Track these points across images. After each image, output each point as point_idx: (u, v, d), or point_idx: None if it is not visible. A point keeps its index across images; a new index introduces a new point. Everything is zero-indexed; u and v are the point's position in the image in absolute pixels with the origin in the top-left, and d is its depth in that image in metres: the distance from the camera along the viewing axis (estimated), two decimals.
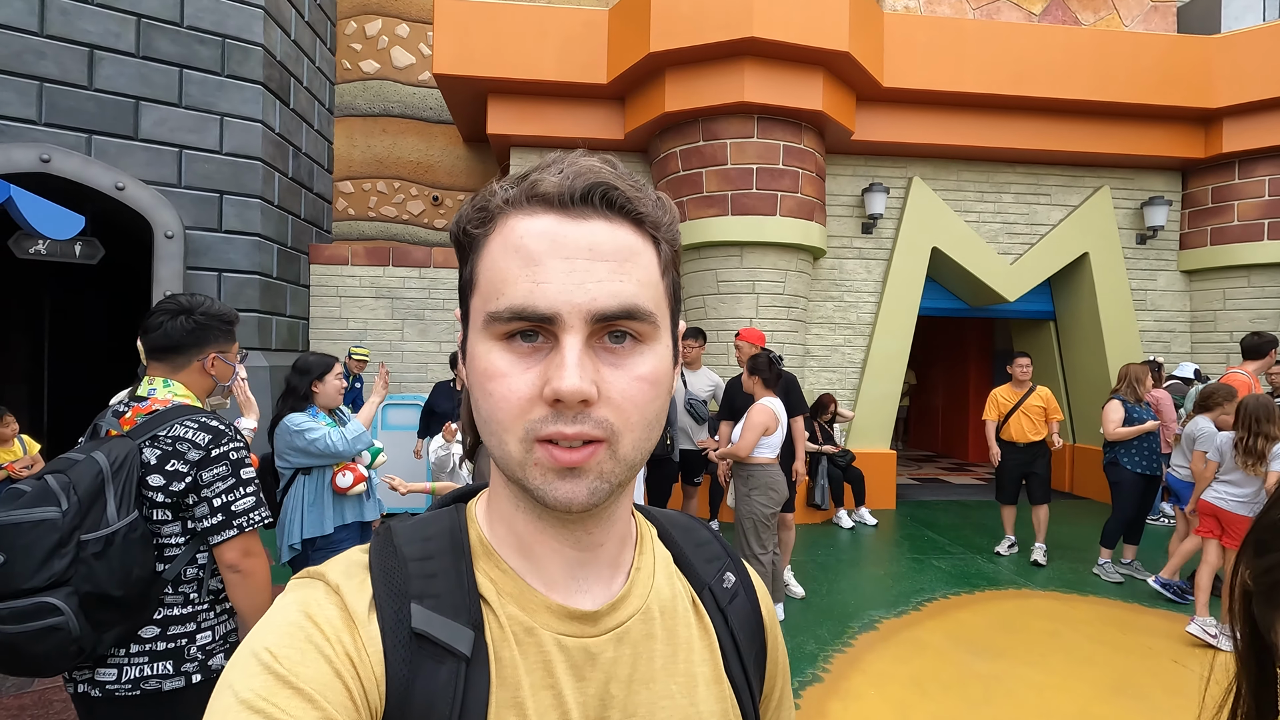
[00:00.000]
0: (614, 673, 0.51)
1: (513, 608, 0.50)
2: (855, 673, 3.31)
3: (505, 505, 0.52)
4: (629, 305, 0.46)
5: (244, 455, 1.60)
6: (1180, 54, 6.69)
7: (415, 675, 0.45)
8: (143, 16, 5.60)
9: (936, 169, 7.09)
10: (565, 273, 0.45)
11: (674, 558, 0.61)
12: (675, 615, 0.56)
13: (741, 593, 0.63)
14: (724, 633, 0.59)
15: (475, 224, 0.49)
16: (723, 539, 0.68)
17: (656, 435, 0.49)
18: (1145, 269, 7.42)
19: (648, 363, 0.48)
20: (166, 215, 5.63)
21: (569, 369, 0.43)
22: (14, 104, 5.17)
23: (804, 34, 5.62)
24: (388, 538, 0.52)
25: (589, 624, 0.51)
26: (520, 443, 0.45)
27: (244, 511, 1.56)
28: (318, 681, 0.42)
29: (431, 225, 8.03)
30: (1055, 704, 3.06)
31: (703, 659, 0.56)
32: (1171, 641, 3.76)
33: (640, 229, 0.49)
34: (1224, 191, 7.06)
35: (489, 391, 0.46)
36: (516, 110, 6.54)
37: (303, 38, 6.96)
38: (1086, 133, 6.85)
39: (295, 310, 6.95)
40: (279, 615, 0.46)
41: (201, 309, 1.70)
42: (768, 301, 6.20)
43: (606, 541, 0.53)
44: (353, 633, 0.45)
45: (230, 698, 0.41)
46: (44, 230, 2.94)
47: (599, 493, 0.46)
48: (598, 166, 0.49)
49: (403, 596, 0.47)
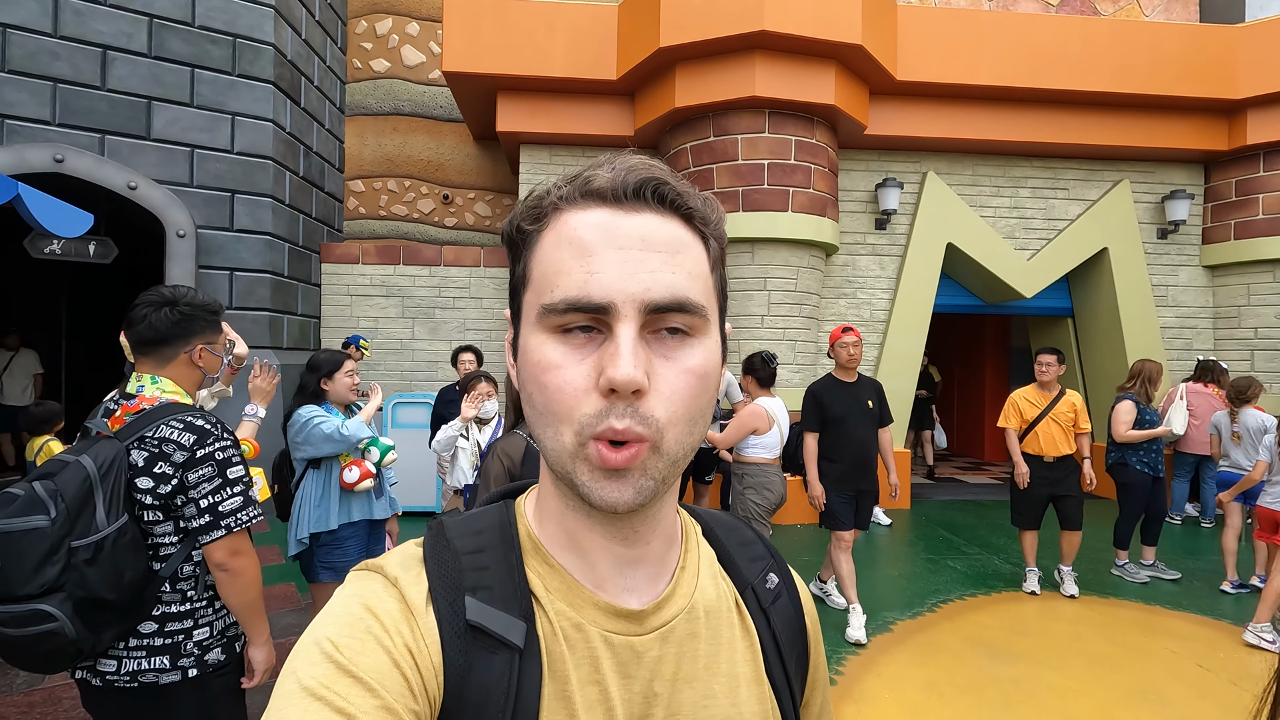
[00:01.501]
0: (658, 671, 0.52)
1: (561, 604, 0.51)
2: (869, 675, 3.25)
3: (555, 503, 0.53)
4: (681, 297, 0.46)
5: (232, 454, 1.58)
6: (1203, 44, 6.53)
7: (471, 666, 0.46)
8: (155, 17, 5.62)
9: (951, 163, 6.98)
10: (619, 263, 0.46)
11: (718, 556, 0.62)
12: (719, 615, 0.57)
13: (784, 594, 0.64)
14: (766, 634, 0.59)
15: (529, 220, 0.51)
16: (767, 539, 0.68)
17: (701, 431, 0.49)
18: (1166, 264, 7.27)
19: (697, 356, 0.48)
20: (179, 214, 5.66)
21: (624, 358, 0.44)
22: (28, 104, 5.20)
23: (816, 27, 5.54)
24: (440, 532, 0.54)
25: (635, 622, 0.52)
26: (575, 435, 0.45)
27: (231, 511, 1.54)
28: (376, 671, 0.43)
29: (442, 224, 8.03)
30: (1076, 709, 2.99)
31: (745, 659, 0.56)
32: (1195, 645, 3.66)
33: (690, 224, 0.50)
34: (1248, 184, 6.90)
35: (544, 384, 0.47)
36: (526, 107, 6.52)
37: (313, 37, 6.97)
38: (1106, 125, 6.71)
39: (307, 309, 6.97)
40: (340, 607, 0.47)
41: (185, 299, 1.67)
42: (779, 299, 6.13)
43: (654, 540, 0.54)
44: (411, 625, 0.47)
45: (294, 684, 0.42)
46: (53, 229, 2.93)
47: (645, 491, 0.46)
48: (649, 163, 0.50)
49: (457, 589, 0.49)
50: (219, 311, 1.76)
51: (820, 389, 3.90)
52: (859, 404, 3.84)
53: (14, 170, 5.00)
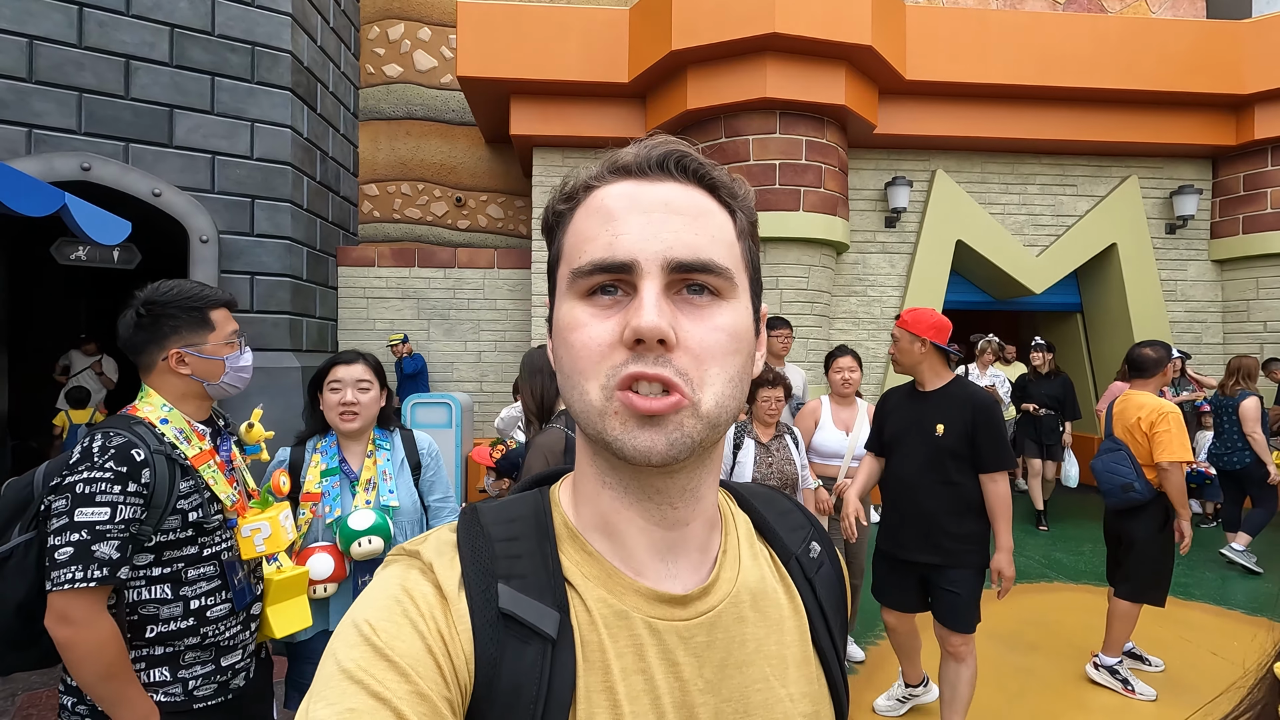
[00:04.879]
0: (707, 657, 0.50)
1: (600, 590, 0.50)
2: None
3: (590, 484, 0.52)
4: (704, 258, 0.47)
5: (100, 489, 1.24)
6: (1210, 40, 6.57)
7: (502, 655, 0.46)
8: (176, 26, 5.73)
9: (960, 161, 7.04)
10: (642, 225, 0.47)
11: (755, 525, 0.61)
12: (765, 595, 0.56)
13: (827, 562, 0.63)
14: (812, 604, 0.59)
15: (562, 201, 0.53)
16: (804, 507, 0.68)
17: (741, 396, 0.49)
18: (1175, 259, 7.30)
19: (726, 315, 0.48)
20: (201, 220, 5.76)
21: (647, 308, 0.44)
22: (55, 114, 5.32)
23: (826, 28, 5.61)
24: (474, 518, 0.53)
25: (680, 607, 0.51)
26: (601, 389, 0.46)
27: (61, 564, 1.20)
28: (411, 656, 0.43)
29: (455, 226, 8.12)
30: (1094, 697, 3.06)
31: (792, 640, 0.56)
32: (1208, 634, 3.72)
33: (714, 195, 0.51)
34: (1256, 179, 6.93)
35: (570, 342, 0.48)
36: (539, 111, 6.60)
37: (328, 43, 7.07)
38: (1113, 122, 6.76)
39: (324, 312, 7.07)
40: (379, 589, 0.48)
41: (155, 296, 1.41)
42: (791, 297, 6.20)
43: (693, 521, 0.52)
44: (445, 610, 0.46)
45: (333, 666, 0.43)
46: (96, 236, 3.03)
47: (678, 445, 0.45)
48: (673, 139, 0.51)
49: (490, 576, 0.48)
50: (204, 308, 1.45)
51: (888, 396, 2.83)
52: (919, 426, 2.57)
53: (43, 179, 5.10)
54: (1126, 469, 3.10)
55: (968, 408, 2.48)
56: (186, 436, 1.43)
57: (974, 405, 2.48)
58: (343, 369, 1.90)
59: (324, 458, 1.91)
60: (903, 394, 2.74)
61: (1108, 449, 3.22)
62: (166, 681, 1.37)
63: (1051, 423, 5.92)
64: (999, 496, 2.46)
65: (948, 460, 2.48)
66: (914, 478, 2.55)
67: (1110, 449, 3.20)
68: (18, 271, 7.57)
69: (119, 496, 1.26)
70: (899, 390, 2.78)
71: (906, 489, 2.58)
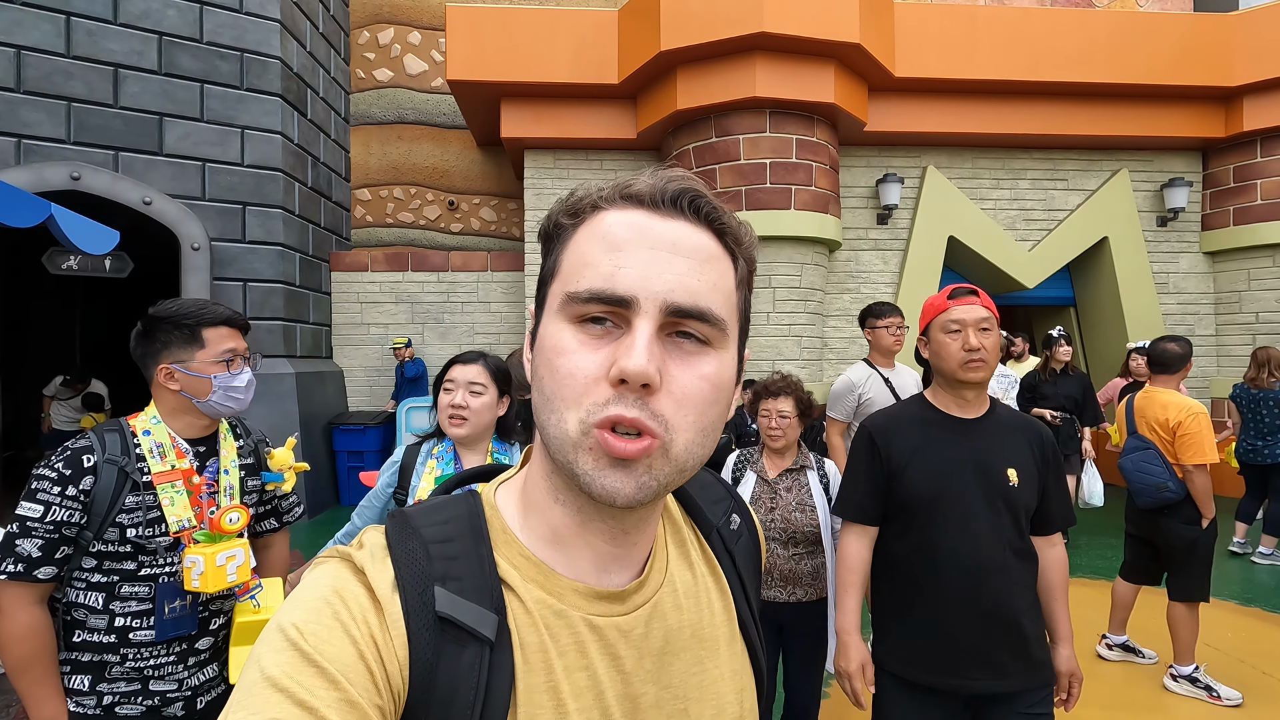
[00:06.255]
0: (646, 648, 0.52)
1: (538, 591, 0.50)
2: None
3: (542, 497, 0.52)
4: (702, 306, 0.46)
5: (41, 487, 1.29)
6: (1198, 32, 6.59)
7: (438, 659, 0.45)
8: (164, 34, 5.73)
9: (951, 157, 7.06)
10: (647, 261, 0.46)
11: (681, 502, 0.63)
12: (694, 579, 0.58)
13: (746, 533, 0.66)
14: (732, 574, 0.61)
15: (567, 215, 0.52)
16: (724, 480, 0.70)
17: (711, 445, 0.49)
18: (1167, 251, 7.33)
19: (712, 365, 0.48)
20: (193, 228, 5.76)
21: (638, 349, 0.44)
22: (44, 124, 5.32)
23: (815, 27, 5.62)
24: (403, 520, 0.51)
25: (618, 603, 0.51)
26: (579, 423, 0.45)
27: None
28: (341, 661, 0.41)
29: (448, 229, 8.12)
30: (1099, 692, 3.06)
31: (720, 620, 0.58)
32: (1207, 627, 3.73)
33: (721, 240, 0.51)
34: (1246, 170, 6.96)
35: (555, 367, 0.46)
36: (530, 113, 6.60)
37: (318, 49, 7.07)
38: (1103, 116, 6.78)
39: (318, 317, 7.07)
40: (309, 591, 0.46)
41: (157, 311, 1.43)
42: (784, 295, 6.22)
43: (640, 541, 0.54)
44: (378, 614, 0.45)
45: (256, 673, 0.41)
46: (83, 246, 3.02)
47: (646, 489, 0.45)
48: (690, 177, 0.51)
49: (425, 579, 0.47)
50: (196, 324, 1.44)
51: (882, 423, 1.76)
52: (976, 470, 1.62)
53: (33, 189, 5.10)
54: (1159, 469, 2.95)
55: (1035, 442, 1.67)
56: (163, 451, 1.41)
57: (1041, 439, 1.69)
58: (458, 369, 1.76)
59: (440, 463, 1.77)
60: (915, 420, 1.72)
61: (1135, 447, 3.08)
62: (83, 691, 1.35)
63: (1069, 429, 4.90)
64: (1063, 566, 1.72)
65: (1023, 521, 1.63)
66: (979, 554, 1.58)
67: (1138, 447, 3.06)
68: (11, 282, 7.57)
69: (56, 497, 1.28)
70: (902, 415, 1.76)
71: (964, 574, 1.58)
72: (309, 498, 6.10)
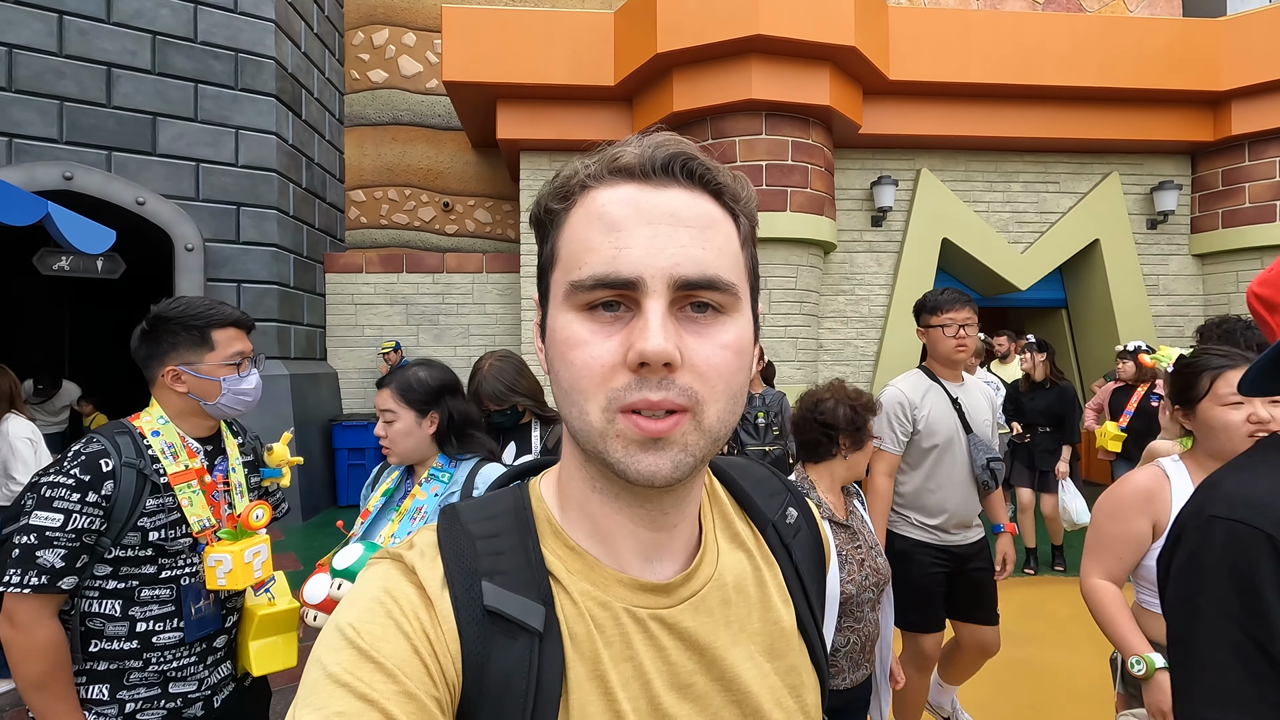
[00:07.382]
0: (693, 641, 0.51)
1: (584, 583, 0.50)
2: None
3: (578, 487, 0.52)
4: (711, 275, 0.45)
5: (59, 495, 1.24)
6: (1187, 38, 6.68)
7: (490, 652, 0.46)
8: (158, 34, 5.69)
9: (945, 160, 7.11)
10: (648, 238, 0.45)
11: (733, 494, 0.62)
12: (746, 574, 0.56)
13: (804, 527, 0.64)
14: (789, 568, 0.60)
15: (556, 200, 0.50)
16: (781, 474, 0.68)
17: (739, 409, 0.48)
18: (1157, 254, 7.40)
19: (730, 331, 0.47)
20: (186, 228, 5.73)
21: (653, 331, 0.43)
22: (36, 124, 5.27)
23: (810, 29, 5.65)
24: (454, 516, 0.52)
25: (664, 595, 0.51)
26: (602, 412, 0.44)
27: (10, 564, 1.23)
28: (396, 657, 0.43)
29: (443, 231, 8.10)
30: (1088, 688, 3.09)
31: (775, 615, 0.57)
32: None
33: (719, 200, 0.49)
34: (1234, 174, 7.04)
35: (570, 360, 0.46)
36: (525, 114, 6.60)
37: (312, 50, 7.05)
38: (1094, 119, 6.85)
39: (312, 319, 7.03)
40: (363, 592, 0.47)
41: (162, 311, 1.40)
42: (780, 297, 6.24)
43: (681, 523, 0.53)
44: (429, 611, 0.46)
45: (319, 672, 0.42)
46: (80, 245, 2.99)
47: (682, 466, 0.45)
48: (677, 139, 0.49)
49: (473, 574, 0.48)
50: (205, 326, 1.41)
51: None
52: None
53: (25, 189, 5.05)
54: None
55: None
56: (175, 452, 1.39)
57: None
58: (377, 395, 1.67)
59: (396, 477, 1.75)
60: None
61: None
62: (103, 700, 1.32)
63: (1048, 444, 4.60)
64: None
65: None
66: None
67: None
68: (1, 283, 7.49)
69: (76, 505, 1.24)
70: None
71: None
72: (304, 499, 6.06)
